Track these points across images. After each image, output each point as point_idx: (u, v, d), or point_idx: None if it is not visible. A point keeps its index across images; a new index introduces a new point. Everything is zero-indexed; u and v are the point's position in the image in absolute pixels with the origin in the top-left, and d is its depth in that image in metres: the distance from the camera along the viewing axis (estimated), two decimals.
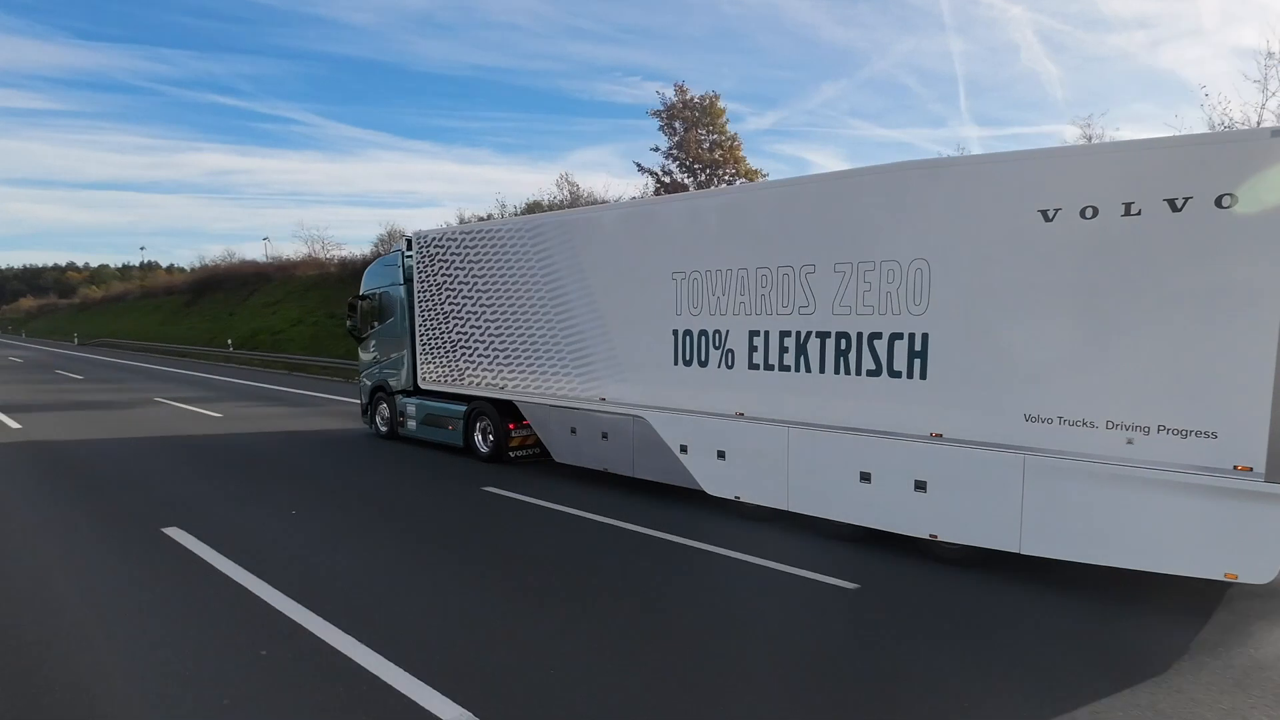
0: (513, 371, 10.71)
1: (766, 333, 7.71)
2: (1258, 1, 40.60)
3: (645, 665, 4.84)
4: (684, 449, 8.57)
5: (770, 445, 7.75)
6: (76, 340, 58.11)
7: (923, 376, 6.63)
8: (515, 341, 10.59)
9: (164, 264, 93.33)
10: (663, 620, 5.57)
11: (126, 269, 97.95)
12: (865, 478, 7.05)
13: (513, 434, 11.15)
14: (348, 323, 14.39)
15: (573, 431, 10.02)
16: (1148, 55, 43.02)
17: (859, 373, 7.04)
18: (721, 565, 6.90)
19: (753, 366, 7.86)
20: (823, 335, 7.27)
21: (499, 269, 10.72)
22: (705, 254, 8.22)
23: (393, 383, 13.47)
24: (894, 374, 6.80)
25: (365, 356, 14.32)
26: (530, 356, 10.39)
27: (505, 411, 11.15)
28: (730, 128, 32.48)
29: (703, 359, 8.33)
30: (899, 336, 6.74)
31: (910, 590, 6.18)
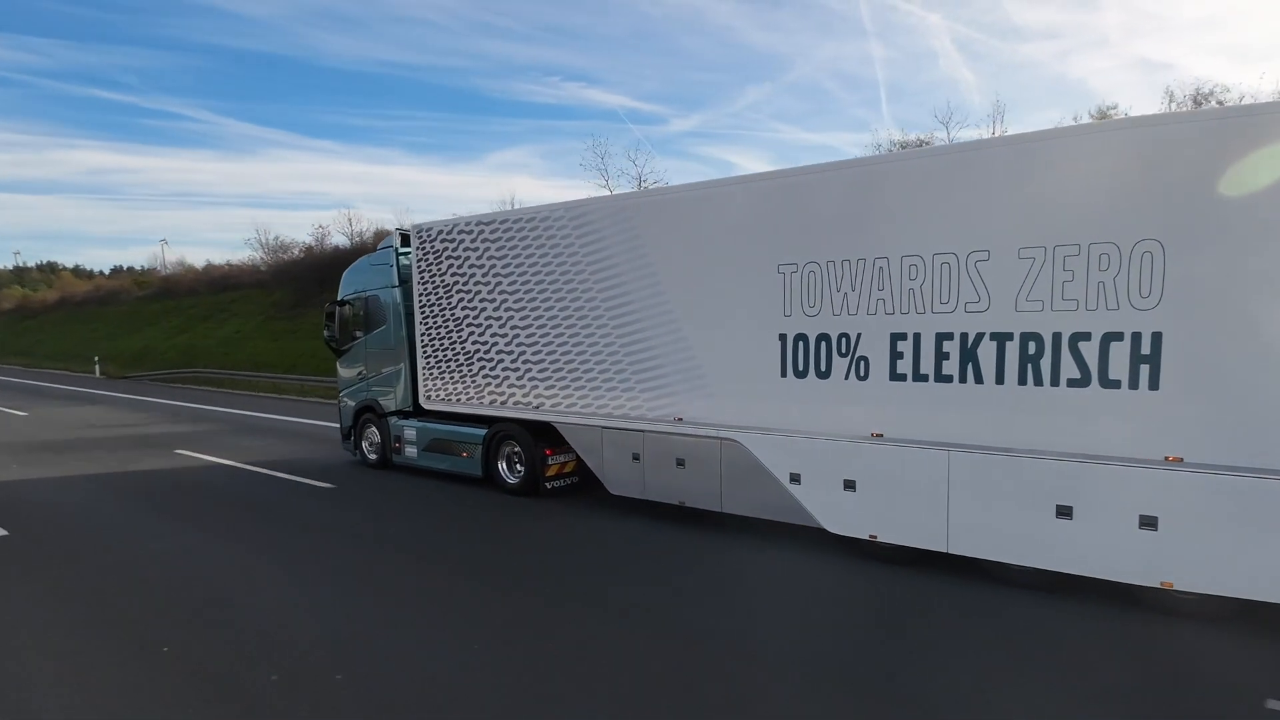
0: (550, 387, 8.95)
1: (917, 335, 6.24)
2: (1156, 17, 44.11)
3: None
4: (795, 478, 7.04)
5: (922, 474, 6.30)
6: (99, 370, 35.25)
7: (1152, 386, 5.27)
8: (554, 352, 8.82)
9: (67, 265, 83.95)
10: None
11: (21, 270, 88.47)
12: (1064, 513, 5.67)
13: (549, 460, 9.39)
14: (325, 333, 12.21)
15: (635, 458, 8.34)
16: (1058, 64, 44.46)
17: (1055, 383, 5.64)
18: None
19: (896, 377, 6.38)
20: (1001, 337, 5.85)
21: (531, 265, 8.91)
22: (826, 241, 6.68)
23: (384, 402, 11.43)
24: (1109, 384, 5.43)
25: (347, 373, 12.16)
26: (575, 369, 8.65)
27: (539, 435, 9.38)
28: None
29: (822, 369, 6.80)
30: (1116, 337, 5.37)
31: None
